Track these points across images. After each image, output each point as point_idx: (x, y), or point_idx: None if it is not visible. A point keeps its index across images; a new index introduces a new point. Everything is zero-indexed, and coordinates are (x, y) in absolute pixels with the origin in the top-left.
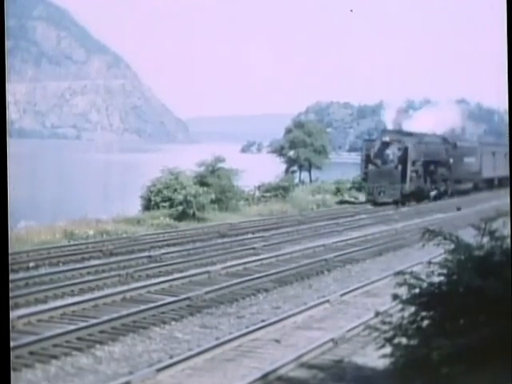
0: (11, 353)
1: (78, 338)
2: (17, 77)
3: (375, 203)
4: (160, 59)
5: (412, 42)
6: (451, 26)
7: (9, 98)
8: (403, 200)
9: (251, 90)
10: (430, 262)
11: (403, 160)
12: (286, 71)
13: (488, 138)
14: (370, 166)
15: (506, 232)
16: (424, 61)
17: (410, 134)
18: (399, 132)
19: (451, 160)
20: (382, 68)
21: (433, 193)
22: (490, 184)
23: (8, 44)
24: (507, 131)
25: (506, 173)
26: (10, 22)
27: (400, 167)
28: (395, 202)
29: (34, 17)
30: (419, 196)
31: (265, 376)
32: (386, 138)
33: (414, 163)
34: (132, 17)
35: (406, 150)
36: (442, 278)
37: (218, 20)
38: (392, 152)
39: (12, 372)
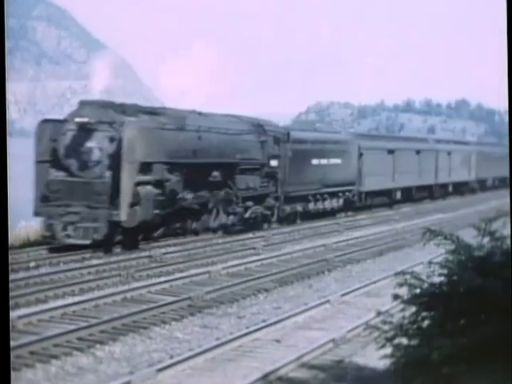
0: (11, 352)
1: (79, 338)
2: (17, 76)
3: (60, 247)
4: (160, 59)
5: (412, 43)
6: (451, 26)
7: (9, 97)
8: (123, 240)
9: (252, 89)
10: (430, 263)
11: (118, 161)
12: (287, 71)
13: (489, 138)
14: (55, 173)
15: (506, 232)
16: (424, 61)
17: (149, 112)
18: (115, 106)
19: (274, 162)
20: (383, 68)
21: (226, 220)
22: (389, 198)
23: (8, 44)
24: (507, 131)
25: (423, 182)
26: (10, 22)
27: (111, 175)
28: (105, 244)
29: (34, 17)
30: (174, 230)
31: (265, 376)
32: (85, 119)
33: (149, 167)
34: (132, 16)
35: (121, 142)
36: (442, 279)
37: (218, 20)
38: (98, 146)
39: (12, 372)
